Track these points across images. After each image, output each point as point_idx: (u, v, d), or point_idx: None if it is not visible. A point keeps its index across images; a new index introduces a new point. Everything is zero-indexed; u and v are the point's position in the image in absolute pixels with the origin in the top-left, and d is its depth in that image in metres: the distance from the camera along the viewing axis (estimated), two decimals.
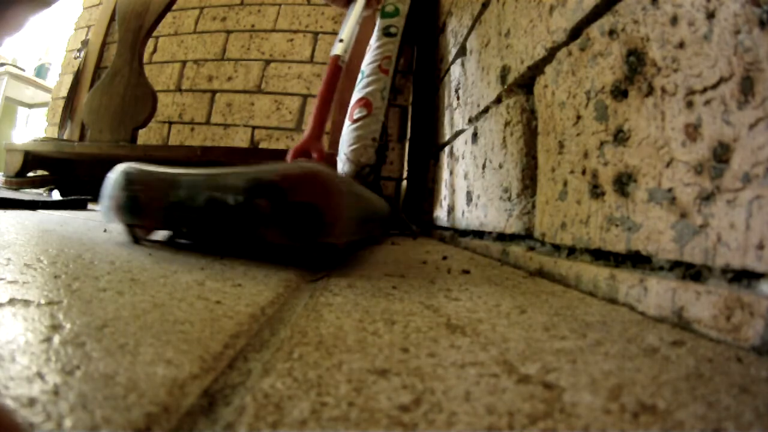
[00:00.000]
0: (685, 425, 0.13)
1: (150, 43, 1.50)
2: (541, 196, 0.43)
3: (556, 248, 0.40)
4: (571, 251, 0.37)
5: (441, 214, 0.88)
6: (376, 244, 0.70)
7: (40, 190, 1.40)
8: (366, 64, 0.98)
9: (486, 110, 0.61)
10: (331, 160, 0.95)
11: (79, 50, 1.67)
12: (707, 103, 0.22)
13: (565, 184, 0.38)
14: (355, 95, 0.96)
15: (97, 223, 0.67)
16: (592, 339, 0.21)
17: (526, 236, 0.47)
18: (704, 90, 0.23)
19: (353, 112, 0.95)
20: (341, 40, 0.76)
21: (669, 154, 0.25)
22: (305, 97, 1.38)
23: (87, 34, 1.70)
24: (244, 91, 1.42)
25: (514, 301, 0.29)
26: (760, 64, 0.20)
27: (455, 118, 0.81)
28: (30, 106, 3.39)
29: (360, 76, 0.98)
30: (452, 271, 0.42)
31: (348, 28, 0.77)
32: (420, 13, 1.15)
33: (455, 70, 0.83)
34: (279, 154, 0.96)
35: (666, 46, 0.26)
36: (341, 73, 0.75)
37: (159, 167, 0.47)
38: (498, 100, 0.56)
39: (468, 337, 0.22)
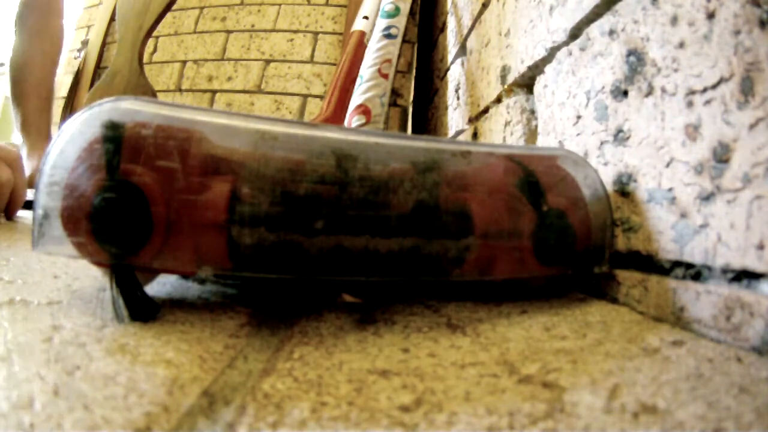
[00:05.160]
0: (686, 425, 0.13)
1: (150, 43, 1.50)
2: None
3: None
4: None
5: None
6: None
7: None
8: (365, 68, 0.96)
9: (486, 110, 0.61)
10: None
11: (79, 50, 1.67)
12: (707, 103, 0.22)
13: None
14: (353, 101, 0.94)
15: None
16: (593, 339, 0.21)
17: None
18: (704, 90, 0.23)
19: (351, 119, 0.92)
20: (365, 17, 0.72)
21: (669, 154, 0.25)
22: (305, 97, 1.38)
23: (87, 34, 1.70)
24: (244, 91, 1.42)
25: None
26: (760, 64, 0.20)
27: (455, 118, 0.81)
28: None
29: (358, 80, 0.96)
30: None
31: (372, 3, 0.73)
32: (420, 11, 1.15)
33: (455, 70, 0.83)
34: None
35: (666, 46, 0.26)
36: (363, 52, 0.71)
37: (200, 109, 0.23)
38: (498, 100, 0.56)
39: (468, 337, 0.22)
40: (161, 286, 0.29)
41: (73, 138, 0.22)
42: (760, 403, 0.14)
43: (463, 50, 0.78)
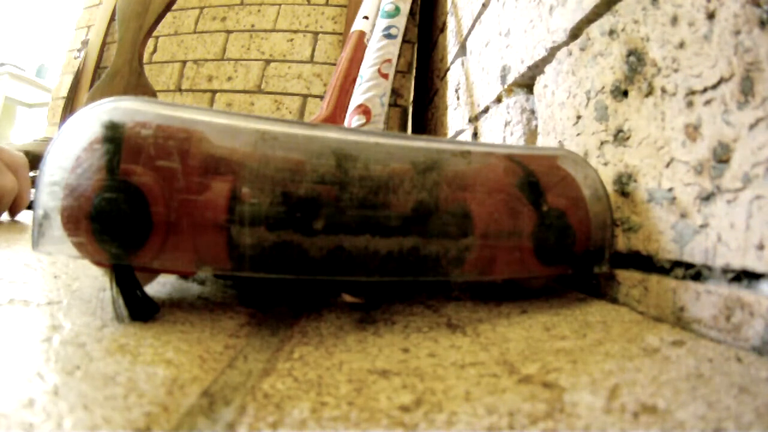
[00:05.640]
0: (686, 425, 0.13)
1: (150, 43, 1.50)
2: None
3: None
4: None
5: None
6: None
7: None
8: (365, 68, 0.96)
9: (486, 110, 0.61)
10: None
11: (79, 50, 1.67)
12: (707, 103, 0.22)
13: None
14: (353, 101, 0.94)
15: None
16: (593, 339, 0.21)
17: None
18: (704, 90, 0.23)
19: (351, 119, 0.92)
20: (366, 17, 0.72)
21: (669, 154, 0.25)
22: (305, 97, 1.38)
23: (87, 34, 1.70)
24: (244, 91, 1.42)
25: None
26: (760, 64, 0.20)
27: (455, 118, 0.81)
28: (30, 106, 3.39)
29: (359, 80, 0.95)
30: None
31: (372, 3, 0.74)
32: (420, 11, 1.15)
33: (455, 70, 0.83)
34: None
35: (666, 46, 0.26)
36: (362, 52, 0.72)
37: (199, 109, 0.23)
38: (498, 100, 0.56)
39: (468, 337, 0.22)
40: (161, 286, 0.29)
41: (73, 138, 0.22)
42: (760, 403, 0.14)
43: (463, 50, 0.78)
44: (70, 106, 1.57)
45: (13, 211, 0.60)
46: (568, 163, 0.29)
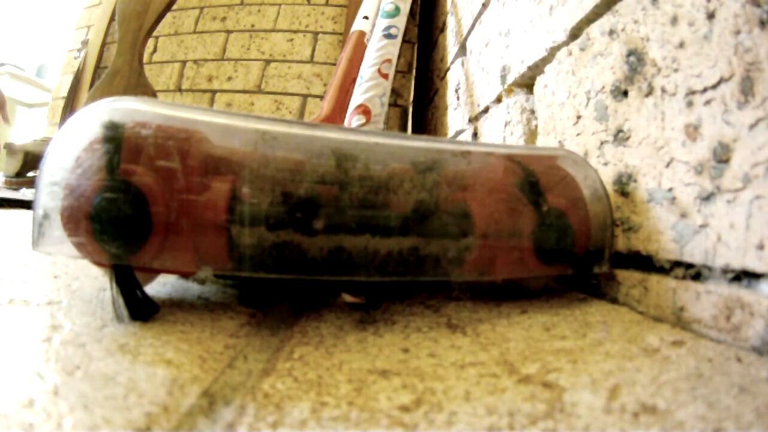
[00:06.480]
0: (685, 425, 0.13)
1: (150, 43, 1.50)
2: None
3: None
4: None
5: None
6: None
7: None
8: (365, 67, 0.96)
9: (486, 110, 0.61)
10: None
11: (79, 50, 1.67)
12: (707, 103, 0.22)
13: None
14: (353, 101, 0.94)
15: None
16: (593, 339, 0.21)
17: None
18: (704, 90, 0.23)
19: (351, 119, 0.92)
20: (366, 17, 0.73)
21: (669, 154, 0.25)
22: (305, 97, 1.38)
23: (87, 34, 1.70)
24: (244, 91, 1.42)
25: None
26: (760, 64, 0.20)
27: (455, 118, 0.81)
28: (30, 106, 3.40)
29: (359, 80, 0.95)
30: None
31: (372, 3, 0.74)
32: (420, 11, 1.14)
33: (455, 70, 0.83)
34: None
35: (666, 46, 0.26)
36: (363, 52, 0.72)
37: (197, 109, 0.23)
38: (498, 100, 0.56)
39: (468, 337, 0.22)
40: (161, 286, 0.29)
41: (73, 138, 0.22)
42: (760, 403, 0.14)
43: (463, 50, 0.78)
44: (70, 106, 1.57)
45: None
46: (568, 163, 0.29)
